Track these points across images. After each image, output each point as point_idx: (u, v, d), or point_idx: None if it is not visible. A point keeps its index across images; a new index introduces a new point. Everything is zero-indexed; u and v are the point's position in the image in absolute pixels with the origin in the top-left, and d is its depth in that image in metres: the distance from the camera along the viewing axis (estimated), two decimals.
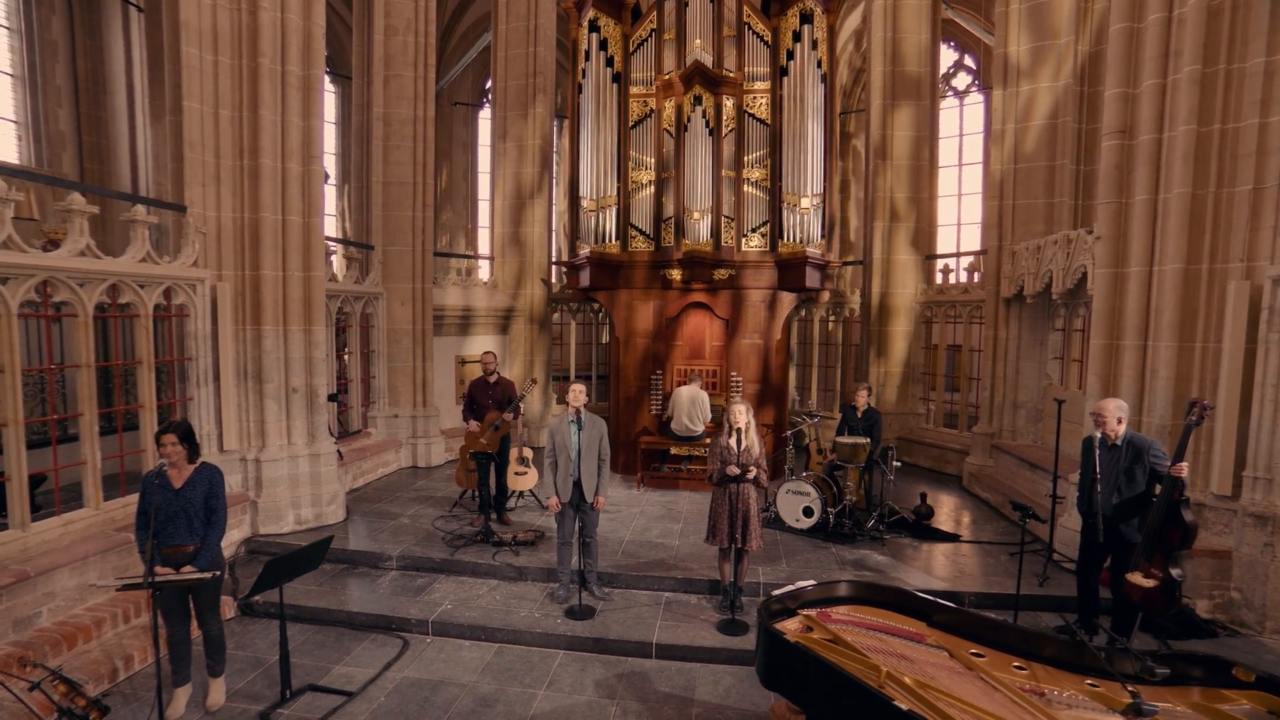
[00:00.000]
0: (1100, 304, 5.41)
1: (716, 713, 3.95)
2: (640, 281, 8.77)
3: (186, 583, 3.71)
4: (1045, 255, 6.89)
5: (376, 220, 9.00)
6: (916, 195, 9.83)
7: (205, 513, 3.83)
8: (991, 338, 8.14)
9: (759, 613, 3.22)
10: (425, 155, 9.15)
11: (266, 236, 6.20)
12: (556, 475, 5.15)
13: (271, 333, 6.34)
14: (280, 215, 6.29)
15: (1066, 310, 7.31)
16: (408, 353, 9.16)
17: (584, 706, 4.00)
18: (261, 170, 6.11)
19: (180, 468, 3.82)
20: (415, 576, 5.74)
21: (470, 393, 6.73)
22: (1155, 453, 4.11)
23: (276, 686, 4.13)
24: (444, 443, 9.55)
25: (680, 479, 8.22)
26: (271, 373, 6.37)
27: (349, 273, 8.49)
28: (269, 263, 6.25)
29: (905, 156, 9.76)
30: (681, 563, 5.73)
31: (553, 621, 4.88)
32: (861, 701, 2.55)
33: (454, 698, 4.10)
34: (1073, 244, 6.31)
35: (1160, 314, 5.01)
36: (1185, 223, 4.83)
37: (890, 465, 6.50)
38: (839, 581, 3.55)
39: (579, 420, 5.09)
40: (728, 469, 4.79)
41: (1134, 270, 5.16)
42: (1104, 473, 4.21)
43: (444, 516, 6.96)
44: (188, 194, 5.85)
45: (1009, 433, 7.99)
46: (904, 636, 3.15)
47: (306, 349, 6.61)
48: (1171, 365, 4.95)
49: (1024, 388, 7.90)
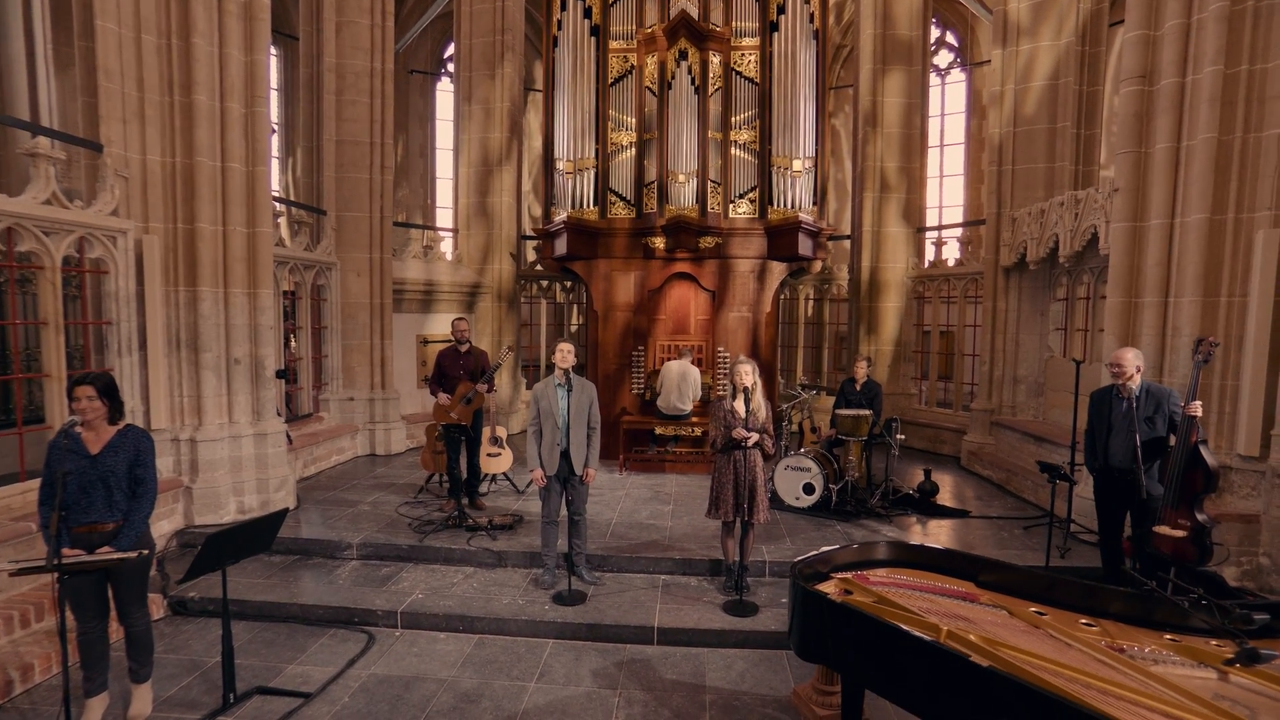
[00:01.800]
0: (1118, 260, 5.32)
1: (732, 699, 3.66)
2: (620, 251, 8.46)
3: (103, 565, 3.14)
4: (1050, 219, 6.83)
5: (329, 183, 8.46)
6: (908, 165, 9.75)
7: (130, 484, 3.31)
8: (990, 310, 8.08)
9: (792, 576, 2.94)
10: (384, 113, 8.64)
11: (203, 185, 5.66)
12: (541, 445, 4.80)
13: (210, 295, 5.80)
14: (219, 161, 5.76)
15: (1069, 278, 7.28)
16: (364, 329, 8.64)
17: (582, 698, 3.67)
18: (196, 109, 5.57)
19: (98, 429, 3.29)
20: (379, 566, 5.32)
21: (439, 363, 6.29)
22: (1174, 402, 4.06)
23: (217, 692, 3.67)
24: (405, 429, 9.05)
25: (666, 461, 7.93)
26: (210, 341, 5.83)
27: (298, 238, 7.94)
28: (206, 215, 5.71)
29: (896, 124, 9.67)
30: (677, 543, 5.45)
31: (540, 608, 4.53)
32: (930, 663, 2.29)
33: (431, 694, 3.72)
34: (1081, 203, 6.24)
35: (1182, 268, 4.93)
36: (1210, 170, 4.75)
37: (895, 438, 6.33)
38: (875, 542, 3.31)
39: (567, 383, 4.75)
40: (734, 433, 4.51)
41: (1154, 223, 5.08)
42: (1120, 425, 4.13)
43: (409, 503, 6.53)
44: (104, 131, 5.26)
45: (1009, 408, 7.94)
46: (954, 596, 2.92)
47: (251, 315, 6.09)
48: (1195, 321, 4.87)
49: (1024, 361, 7.85)
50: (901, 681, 2.41)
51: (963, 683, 2.20)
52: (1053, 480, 4.31)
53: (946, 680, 2.25)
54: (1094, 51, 7.42)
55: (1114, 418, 4.19)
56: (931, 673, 2.28)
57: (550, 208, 8.63)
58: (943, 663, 2.25)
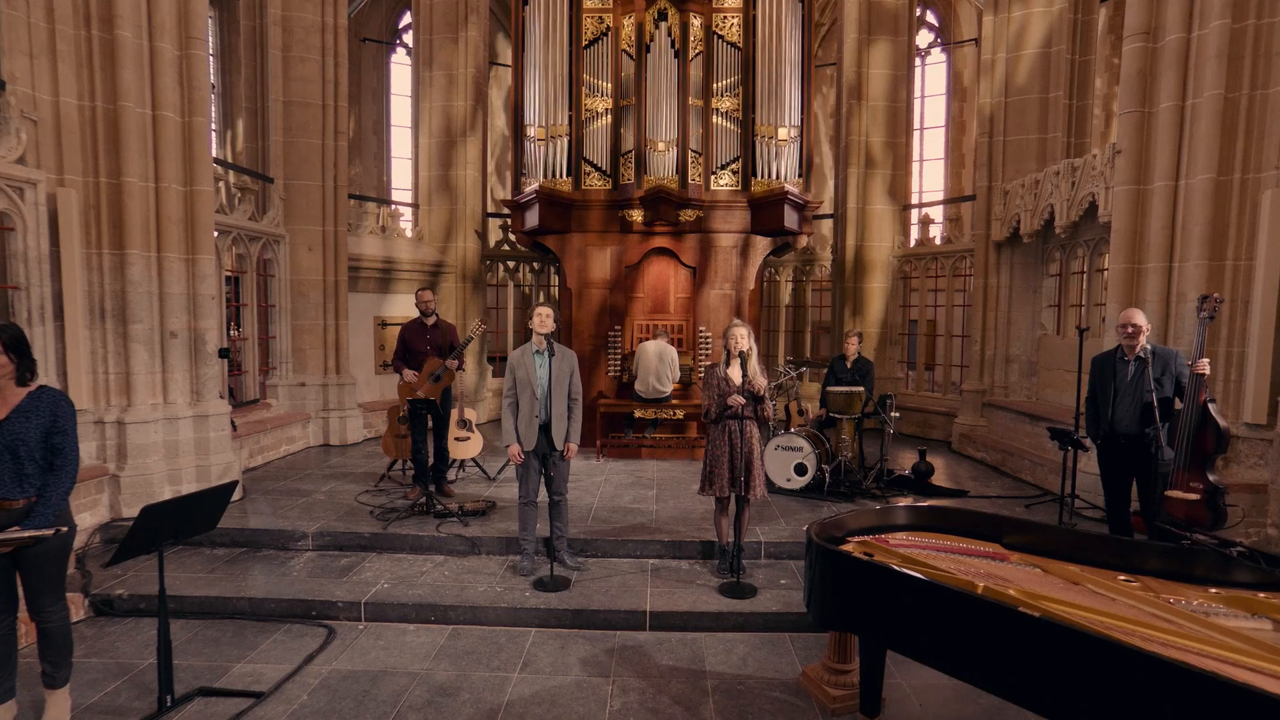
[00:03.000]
0: (1120, 225, 5.34)
1: (736, 684, 3.51)
2: (596, 224, 8.26)
3: (14, 545, 2.78)
4: (1044, 189, 6.87)
5: (276, 148, 8.06)
6: (893, 139, 9.78)
7: (44, 455, 2.94)
8: (981, 286, 8.12)
9: (809, 537, 2.80)
10: (337, 72, 8.28)
11: (131, 135, 5.24)
12: (518, 418, 4.58)
13: (141, 260, 5.40)
14: (149, 109, 5.36)
15: (1063, 252, 7.34)
16: (317, 309, 8.25)
17: (572, 687, 3.48)
18: (120, 46, 5.15)
19: (5, 391, 2.91)
20: (338, 556, 5.04)
21: (403, 338, 6.00)
22: (1181, 362, 4.10)
23: (150, 696, 3.37)
24: (362, 417, 8.69)
25: (645, 447, 7.76)
26: (140, 311, 5.43)
27: (241, 206, 7.53)
28: (135, 169, 5.30)
29: (882, 97, 9.69)
30: (665, 525, 5.29)
31: (519, 595, 4.32)
32: (975, 619, 2.17)
33: (403, 689, 3.49)
34: (1078, 171, 6.28)
35: (1187, 231, 4.96)
36: (1216, 129, 4.79)
37: (889, 415, 6.28)
38: (893, 506, 3.19)
39: (548, 349, 4.54)
40: (730, 400, 4.37)
41: (1158, 185, 5.10)
42: (1126, 389, 4.14)
43: (370, 491, 6.23)
44: (6, 65, 4.80)
45: (1001, 389, 7.98)
46: (982, 557, 2.82)
47: (190, 283, 5.71)
48: (1200, 286, 4.91)
49: (1016, 339, 7.91)
50: (941, 642, 2.28)
51: (1013, 637, 2.08)
52: (1064, 448, 4.27)
53: (994, 636, 2.13)
54: (1087, 19, 7.51)
55: (1119, 382, 4.19)
56: (976, 629, 2.16)
57: (520, 177, 8.38)
58: (989, 617, 2.13)
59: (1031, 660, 2.03)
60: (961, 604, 2.20)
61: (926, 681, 3.53)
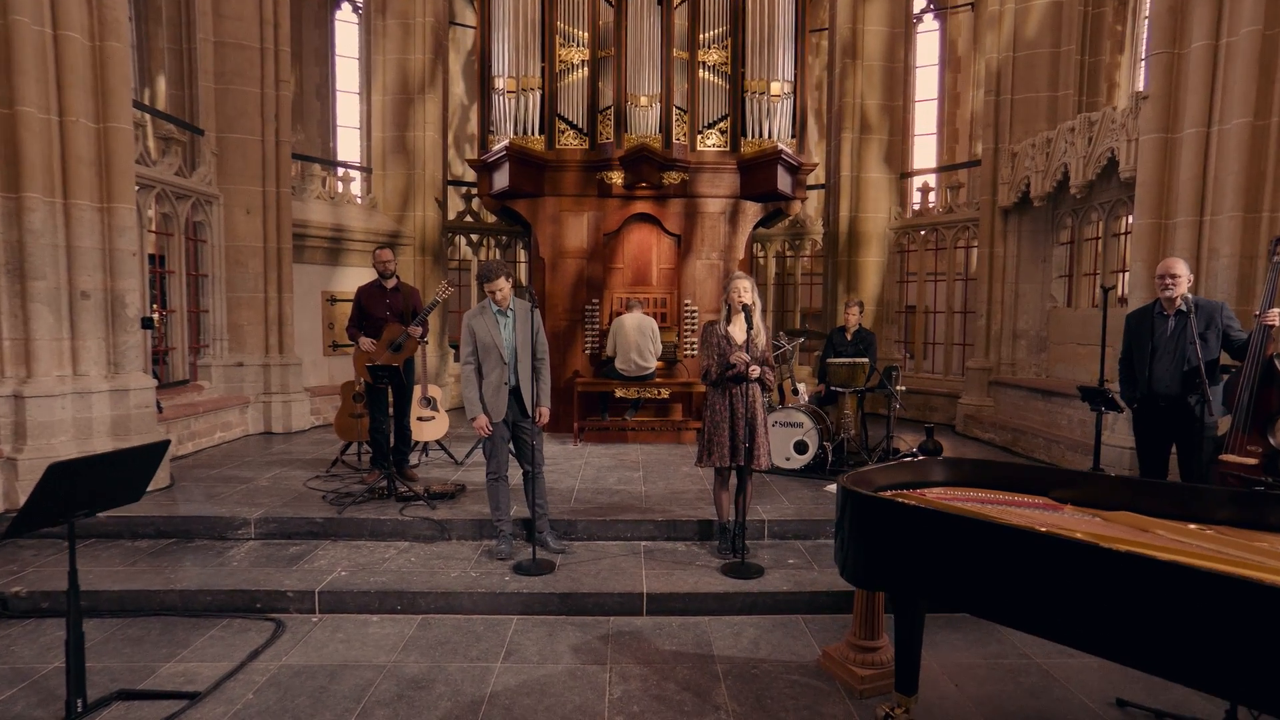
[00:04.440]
0: (1146, 177, 5.31)
1: (749, 668, 3.33)
2: (571, 187, 8.03)
3: None
4: (1057, 148, 6.85)
5: (207, 95, 7.61)
6: (890, 103, 9.75)
7: None
8: (987, 256, 8.09)
9: (841, 488, 2.64)
10: (277, 11, 7.88)
11: (25, 55, 4.73)
12: (482, 386, 4.35)
13: (43, 206, 4.96)
14: (48, 28, 4.87)
15: (1075, 218, 7.34)
16: (257, 279, 7.84)
17: (564, 676, 3.26)
18: None
19: None
20: (286, 544, 4.74)
21: (359, 301, 5.68)
22: (1228, 313, 4.02)
23: (57, 702, 3.05)
24: (309, 402, 8.31)
25: (628, 430, 7.56)
26: (43, 266, 5.00)
27: (167, 158, 7.11)
28: (32, 98, 4.83)
29: (878, 56, 9.64)
30: (657, 505, 5.11)
31: (498, 580, 4.08)
32: (1051, 560, 2.01)
33: (367, 683, 3.23)
34: (1096, 125, 6.26)
35: (1220, 181, 4.94)
36: (1253, 69, 4.76)
37: (895, 387, 6.17)
38: (928, 460, 3.04)
39: (510, 310, 4.33)
40: (731, 358, 4.19)
41: (1188, 133, 5.08)
42: (1166, 346, 4.05)
43: (321, 477, 5.92)
44: None
45: (1008, 366, 7.97)
46: (1033, 508, 2.67)
47: (105, 236, 5.31)
48: (1234, 241, 4.88)
49: (1025, 313, 7.89)
50: (1008, 591, 2.12)
51: (1096, 578, 1.93)
52: (1097, 409, 4.18)
53: (1074, 579, 1.97)
54: None
55: (1158, 339, 4.09)
56: (1050, 575, 2.00)
57: (488, 134, 8.10)
58: (1067, 558, 1.97)
59: (1117, 605, 1.88)
60: (1033, 545, 2.04)
61: (959, 660, 3.40)
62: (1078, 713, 2.96)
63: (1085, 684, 3.19)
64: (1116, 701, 3.00)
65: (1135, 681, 3.19)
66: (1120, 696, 3.02)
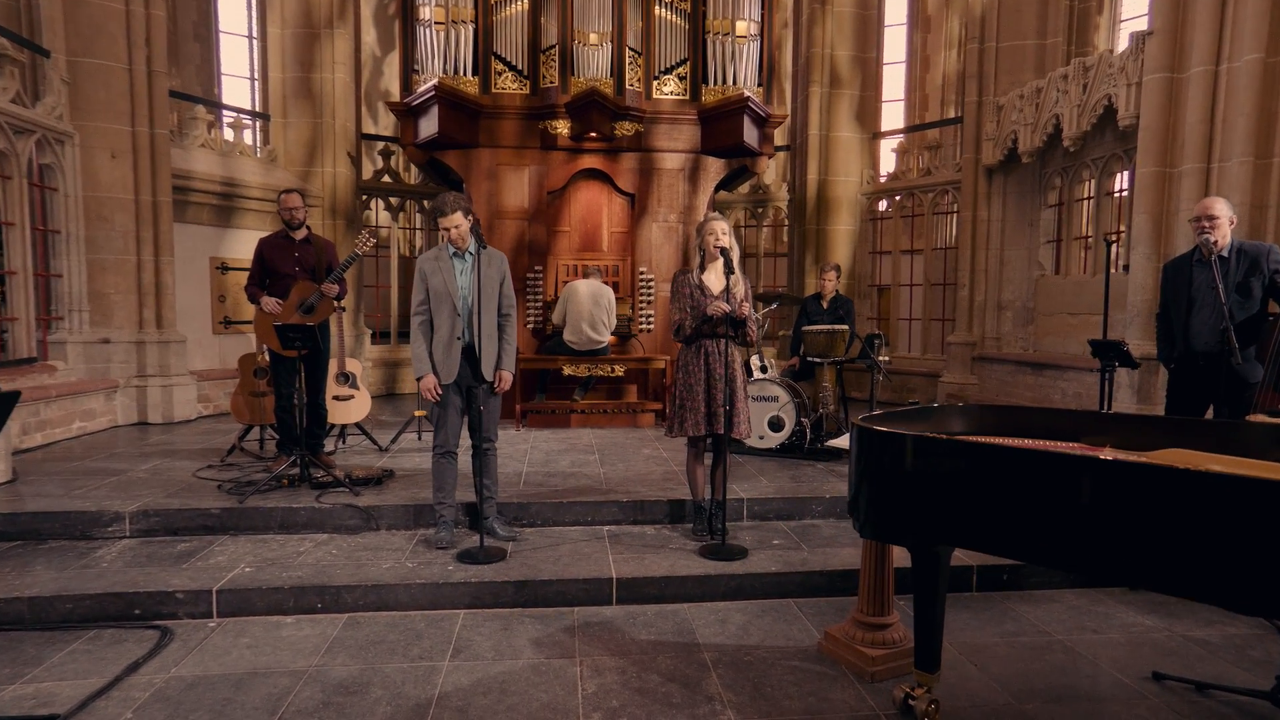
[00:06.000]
0: (1150, 121, 5.42)
1: (741, 655, 3.19)
2: (510, 138, 7.76)
3: None
4: (1048, 98, 6.97)
5: (52, 8, 6.90)
6: (863, 55, 9.81)
7: None
8: (970, 221, 8.21)
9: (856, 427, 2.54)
10: None
11: None
12: (433, 342, 4.09)
13: None
14: None
15: (1065, 177, 7.49)
16: (126, 239, 7.28)
17: (526, 672, 3.05)
18: None
19: None
20: (173, 541, 4.37)
21: (261, 255, 5.29)
22: (1276, 257, 3.96)
23: None
24: (196, 387, 7.80)
25: (576, 413, 7.35)
26: None
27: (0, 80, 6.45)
28: None
29: (849, 3, 9.67)
30: (619, 486, 4.95)
31: (440, 570, 3.84)
32: (1111, 490, 1.93)
33: (284, 691, 2.96)
34: (1092, 71, 6.38)
35: (1230, 124, 5.06)
36: (1266, 0, 4.88)
37: (879, 358, 6.15)
38: (948, 406, 2.97)
39: (470, 254, 4.07)
40: (709, 309, 4.05)
41: (1195, 71, 5.19)
42: (1206, 297, 4.02)
43: (214, 466, 5.52)
44: None
45: (993, 340, 8.09)
46: (1068, 450, 2.61)
47: None
48: (1245, 189, 5.01)
49: (1010, 282, 8.03)
50: (1061, 528, 2.03)
51: (1180, 507, 1.85)
52: (1107, 368, 4.19)
53: (1134, 507, 1.90)
54: None
55: (1196, 289, 4.02)
56: (1131, 506, 1.92)
57: (412, 74, 7.75)
58: (1130, 482, 1.89)
59: (1228, 537, 1.81)
60: (1122, 475, 1.96)
61: (974, 640, 3.36)
62: (1113, 688, 2.93)
63: (1115, 659, 3.17)
64: (1153, 675, 2.97)
65: (1170, 655, 3.19)
66: (1156, 670, 2.99)
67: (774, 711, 2.75)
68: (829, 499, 4.77)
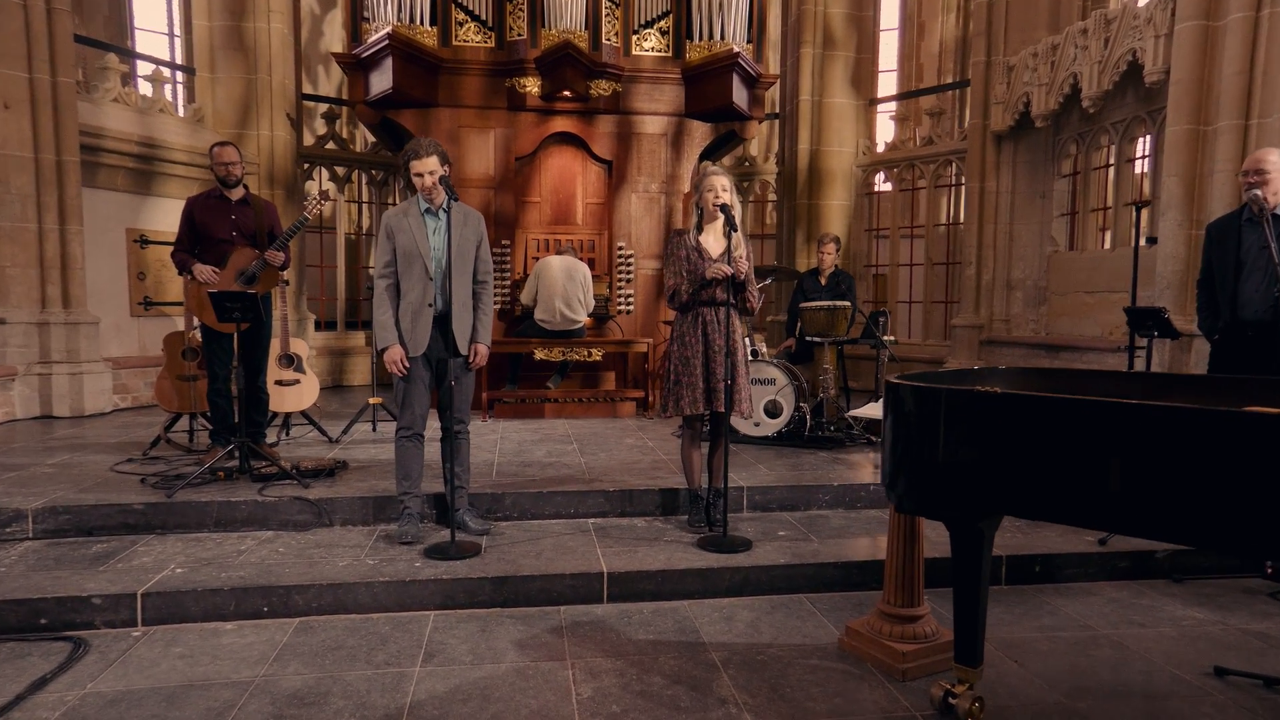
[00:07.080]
0: (1183, 75, 5.41)
1: (753, 654, 3.06)
2: (474, 97, 7.57)
3: None
4: (1065, 55, 6.95)
5: None
6: (859, 13, 9.77)
7: None
8: (977, 192, 8.18)
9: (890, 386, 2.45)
10: None
11: None
12: (399, 309, 3.91)
13: None
14: None
15: (1080, 144, 7.49)
16: (24, 203, 6.89)
17: (511, 676, 2.89)
18: None
19: None
20: (86, 542, 4.12)
21: (190, 216, 5.01)
22: None
23: None
24: (111, 376, 7.47)
25: (548, 402, 7.18)
26: None
27: None
28: None
29: None
30: (604, 475, 4.81)
31: (406, 567, 3.65)
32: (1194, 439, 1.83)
33: (228, 704, 2.75)
34: (1114, 24, 6.37)
35: (1271, 77, 5.06)
36: None
37: (884, 338, 6.08)
38: (977, 369, 2.86)
39: (446, 203, 3.86)
40: (709, 272, 3.93)
41: (1233, 19, 5.18)
42: (1259, 260, 3.95)
43: (135, 460, 5.25)
44: None
45: (1001, 323, 8.08)
46: None
47: None
48: None
49: (1020, 260, 8.02)
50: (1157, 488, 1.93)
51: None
52: (1149, 334, 4.13)
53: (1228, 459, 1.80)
54: None
55: (1245, 252, 3.93)
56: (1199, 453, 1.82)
57: (361, 22, 7.49)
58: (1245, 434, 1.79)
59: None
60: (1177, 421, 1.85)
61: (1010, 636, 3.27)
62: (1171, 685, 2.84)
63: (1170, 654, 3.09)
64: (1214, 670, 2.89)
65: (1229, 649, 3.13)
66: (1218, 665, 2.92)
67: (797, 714, 2.62)
68: (837, 487, 4.67)
